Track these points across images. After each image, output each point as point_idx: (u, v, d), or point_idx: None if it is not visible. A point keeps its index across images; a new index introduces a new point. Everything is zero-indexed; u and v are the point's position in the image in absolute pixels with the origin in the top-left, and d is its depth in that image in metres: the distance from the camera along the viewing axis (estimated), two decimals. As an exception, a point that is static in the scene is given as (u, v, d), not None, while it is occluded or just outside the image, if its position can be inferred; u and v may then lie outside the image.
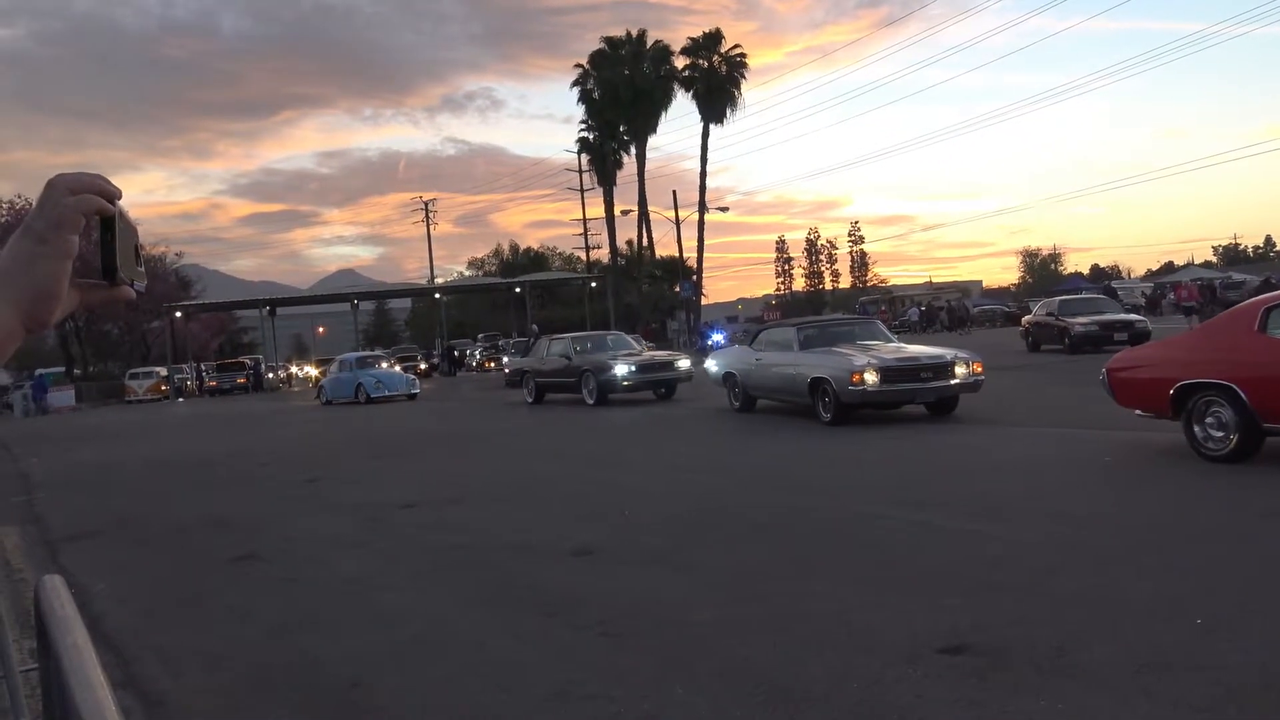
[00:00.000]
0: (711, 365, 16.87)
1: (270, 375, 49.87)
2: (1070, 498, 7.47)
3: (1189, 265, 73.85)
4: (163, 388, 45.55)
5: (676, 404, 18.85)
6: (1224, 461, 7.94)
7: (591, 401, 19.27)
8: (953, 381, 12.54)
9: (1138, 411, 9.07)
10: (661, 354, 21.79)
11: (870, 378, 12.15)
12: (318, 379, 45.86)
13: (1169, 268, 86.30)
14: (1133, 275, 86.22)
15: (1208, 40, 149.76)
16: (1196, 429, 8.25)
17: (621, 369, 19.03)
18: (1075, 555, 5.71)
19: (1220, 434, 8.07)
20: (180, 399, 43.84)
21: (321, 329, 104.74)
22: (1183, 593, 4.84)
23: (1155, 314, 39.51)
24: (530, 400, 21.70)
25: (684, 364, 19.70)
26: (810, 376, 13.06)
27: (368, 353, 37.63)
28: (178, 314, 48.63)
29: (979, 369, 12.72)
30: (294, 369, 60.11)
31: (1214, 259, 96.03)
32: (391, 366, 31.82)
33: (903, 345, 14.15)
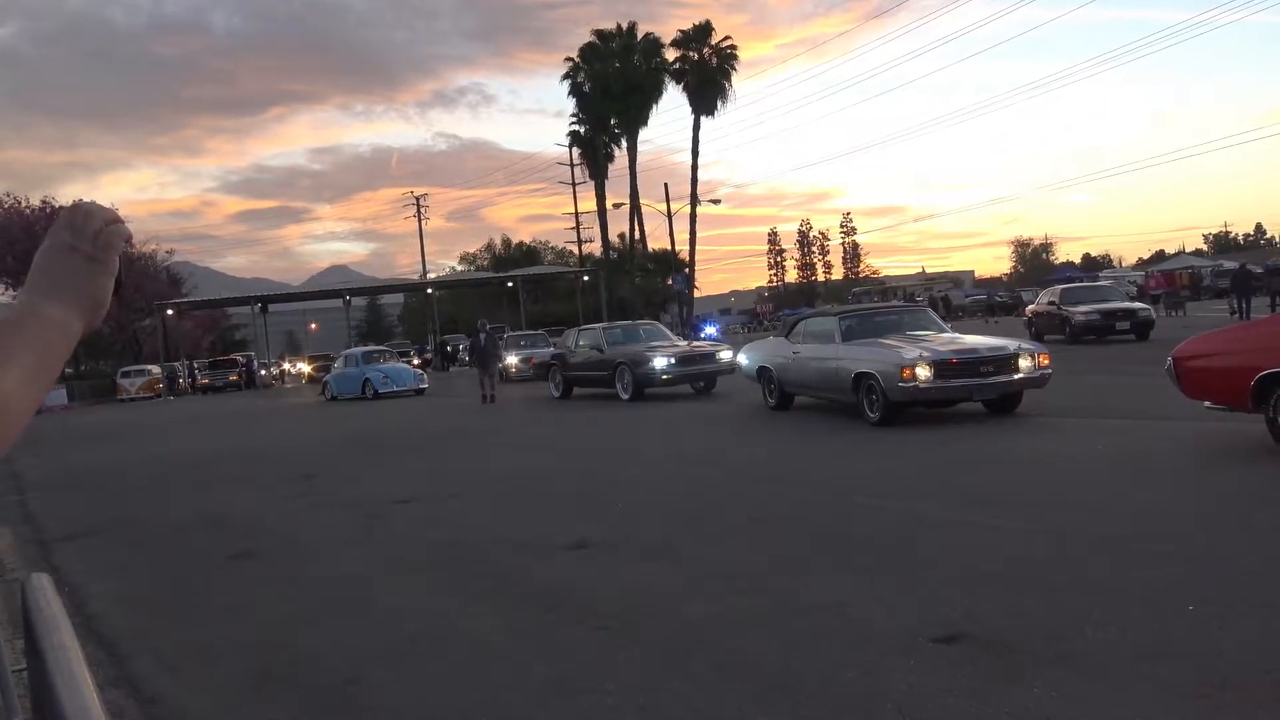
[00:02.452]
0: (743, 359, 15.68)
1: (263, 372, 49.74)
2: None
3: (1180, 253, 73.94)
4: (157, 386, 45.36)
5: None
6: None
7: (626, 396, 18.09)
8: (1016, 376, 11.36)
9: (1207, 404, 8.39)
10: (702, 345, 20.71)
11: (923, 372, 11.02)
12: (310, 375, 45.73)
13: (1160, 256, 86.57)
14: (1124, 264, 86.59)
15: (1198, 28, 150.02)
16: None
17: (661, 361, 17.77)
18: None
19: None
20: (172, 397, 43.71)
21: (314, 325, 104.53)
22: (1184, 579, 4.85)
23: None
24: (556, 395, 20.51)
25: (726, 355, 18.31)
26: (854, 371, 11.92)
27: (374, 347, 36.85)
28: (169, 312, 48.50)
29: (1045, 361, 11.53)
30: (287, 366, 60.00)
31: (1205, 247, 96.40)
32: (392, 361, 31.25)
33: (958, 336, 12.97)
